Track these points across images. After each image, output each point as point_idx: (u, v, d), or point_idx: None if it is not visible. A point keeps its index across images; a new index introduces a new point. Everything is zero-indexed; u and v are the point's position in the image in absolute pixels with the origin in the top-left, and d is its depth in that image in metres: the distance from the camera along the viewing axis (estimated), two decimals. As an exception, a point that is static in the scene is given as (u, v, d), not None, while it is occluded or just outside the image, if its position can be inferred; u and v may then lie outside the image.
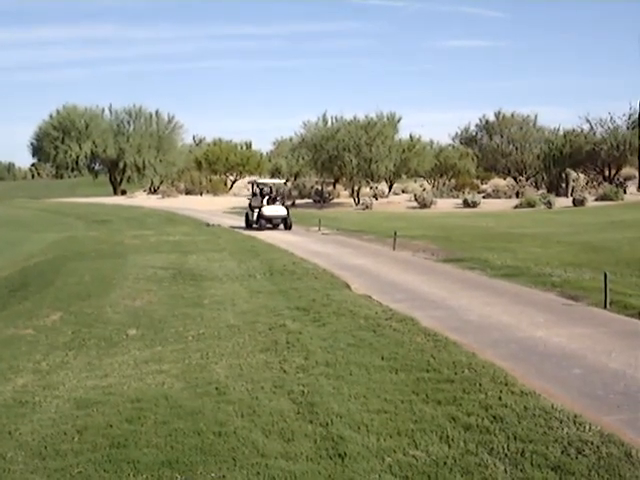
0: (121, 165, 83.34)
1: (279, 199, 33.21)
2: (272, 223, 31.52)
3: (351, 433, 6.15)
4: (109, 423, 6.68)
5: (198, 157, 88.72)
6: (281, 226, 31.63)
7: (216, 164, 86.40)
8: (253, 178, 53.00)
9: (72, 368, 9.09)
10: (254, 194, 33.88)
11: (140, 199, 70.65)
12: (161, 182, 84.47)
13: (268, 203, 32.20)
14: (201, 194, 75.45)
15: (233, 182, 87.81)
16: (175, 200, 66.32)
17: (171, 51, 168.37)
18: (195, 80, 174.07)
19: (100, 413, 7.02)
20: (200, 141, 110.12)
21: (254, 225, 31.85)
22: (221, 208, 52.47)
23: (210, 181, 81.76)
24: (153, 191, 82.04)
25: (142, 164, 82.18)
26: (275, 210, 31.68)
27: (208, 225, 34.44)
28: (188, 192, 76.47)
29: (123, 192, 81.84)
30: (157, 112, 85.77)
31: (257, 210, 31.77)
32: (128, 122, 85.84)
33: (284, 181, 44.81)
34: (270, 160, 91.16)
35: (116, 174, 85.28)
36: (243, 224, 33.45)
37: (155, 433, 6.38)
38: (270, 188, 34.31)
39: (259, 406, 6.97)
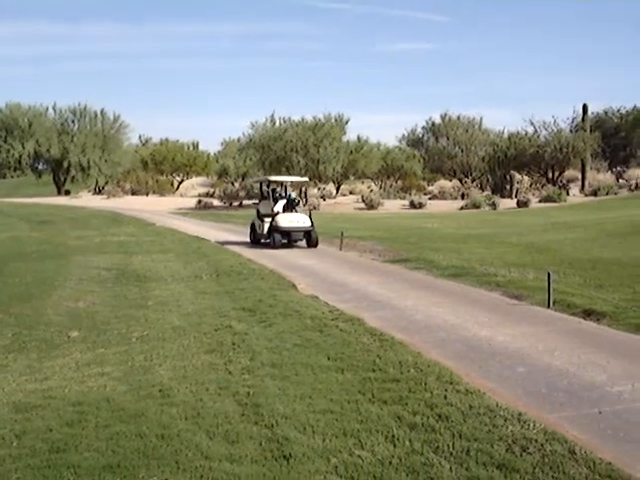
0: (65, 165, 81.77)
1: (299, 204, 25.23)
2: (290, 238, 22.89)
3: (296, 434, 6.10)
4: (49, 427, 6.50)
5: (144, 157, 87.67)
6: (302, 242, 23.20)
7: (162, 164, 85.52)
8: (261, 177, 38.76)
9: (11, 371, 8.83)
10: (263, 196, 25.46)
11: (85, 199, 69.47)
12: (106, 182, 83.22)
13: (284, 209, 23.60)
14: (147, 194, 74.62)
15: (180, 182, 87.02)
16: (120, 200, 65.41)
17: (117, 50, 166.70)
18: (141, 79, 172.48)
19: (40, 417, 6.83)
20: (146, 141, 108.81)
21: (264, 240, 23.56)
22: (167, 209, 51.96)
23: (156, 181, 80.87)
24: (98, 191, 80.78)
25: (87, 164, 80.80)
26: (295, 220, 23.05)
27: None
28: (134, 192, 75.53)
29: (67, 192, 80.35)
30: (102, 111, 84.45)
31: (269, 220, 23.31)
32: (73, 121, 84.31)
33: (306, 179, 33.05)
34: (218, 161, 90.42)
35: (60, 174, 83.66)
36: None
37: (96, 437, 6.23)
38: (285, 188, 26.31)
39: (203, 408, 6.87)
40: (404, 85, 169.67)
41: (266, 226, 23.22)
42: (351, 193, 66.18)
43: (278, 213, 23.11)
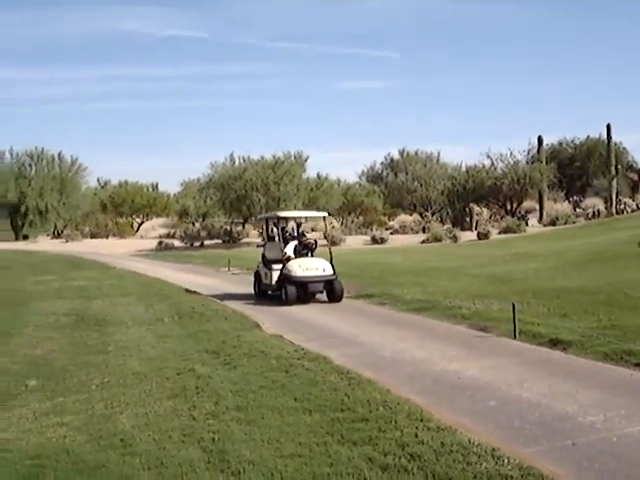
0: (23, 209, 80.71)
1: (316, 246, 19.92)
2: (307, 290, 18.05)
3: (265, 481, 5.88)
4: (5, 483, 6.21)
5: (103, 200, 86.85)
6: (322, 295, 18.50)
7: (122, 206, 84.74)
8: (269, 213, 27.96)
9: (-35, 425, 8.48)
10: (269, 237, 21.16)
11: (43, 244, 68.43)
12: (65, 226, 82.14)
13: (296, 253, 19.04)
14: (107, 237, 73.79)
15: (140, 224, 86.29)
16: (80, 244, 64.54)
17: (73, 92, 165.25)
18: (98, 121, 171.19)
19: (-5, 473, 6.52)
20: (105, 183, 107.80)
21: (271, 292, 19.14)
22: (127, 251, 51.33)
23: (116, 224, 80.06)
24: (57, 235, 79.68)
25: (45, 207, 79.68)
26: (313, 267, 18.33)
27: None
28: (93, 235, 74.61)
29: (25, 237, 79.07)
30: (60, 154, 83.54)
31: (278, 267, 18.67)
32: (30, 165, 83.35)
33: (325, 214, 22.24)
34: (178, 201, 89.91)
35: (18, 218, 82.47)
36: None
37: (55, 492, 5.95)
38: (298, 226, 21.70)
39: (167, 457, 6.62)
40: (362, 122, 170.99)
41: (275, 275, 18.67)
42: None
43: (290, 258, 18.62)
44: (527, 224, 49.76)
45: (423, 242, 44.15)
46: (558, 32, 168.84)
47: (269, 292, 19.33)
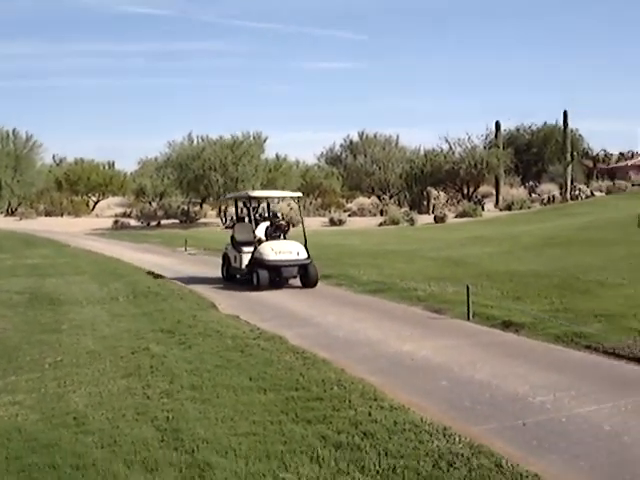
0: (-25, 186, 79.18)
1: (289, 227, 19.38)
2: (281, 275, 17.11)
3: (218, 459, 5.87)
4: (-46, 462, 6.11)
5: (58, 177, 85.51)
6: (295, 281, 17.54)
7: (77, 184, 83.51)
8: (240, 192, 28.95)
9: None
10: (239, 218, 20.12)
11: (-4, 221, 67.35)
12: (19, 203, 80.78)
13: (268, 235, 17.99)
14: (62, 215, 72.73)
15: (95, 203, 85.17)
16: (34, 222, 63.58)
17: (28, 68, 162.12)
18: (55, 98, 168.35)
19: (-56, 451, 6.42)
20: (61, 161, 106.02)
21: (241, 276, 18.13)
22: (83, 229, 50.73)
23: (71, 202, 78.92)
24: (10, 213, 78.31)
25: (-2, 185, 78.35)
26: (287, 250, 17.32)
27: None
28: (48, 213, 73.51)
29: (-23, 214, 77.75)
30: (14, 131, 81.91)
31: (248, 250, 17.62)
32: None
33: (299, 194, 21.65)
34: (134, 180, 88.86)
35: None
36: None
37: (7, 470, 5.88)
38: (268, 206, 20.92)
39: (120, 435, 6.57)
40: (323, 103, 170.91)
41: (245, 258, 17.65)
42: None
43: (261, 241, 17.57)
44: (483, 208, 50.33)
45: (381, 225, 44.39)
46: (519, 18, 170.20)
47: (238, 276, 18.36)
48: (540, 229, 30.48)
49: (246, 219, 19.32)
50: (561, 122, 57.69)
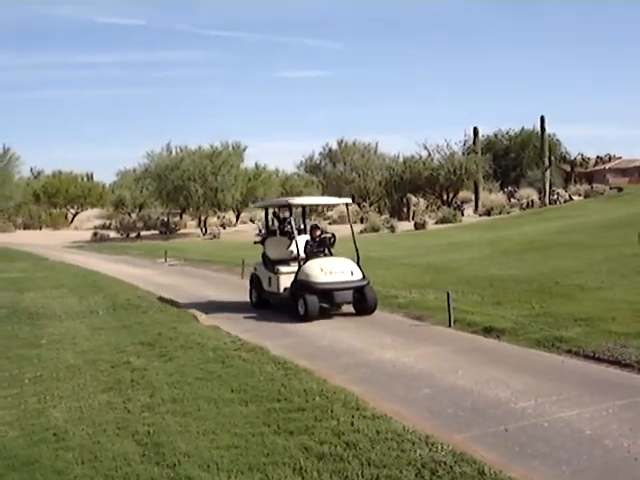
0: (-47, 201, 78.45)
1: (334, 240, 15.68)
2: (333, 300, 13.80)
3: (200, 473, 5.83)
4: None
5: (36, 190, 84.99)
6: (348, 307, 14.28)
7: (56, 197, 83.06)
8: (273, 199, 23.33)
9: None
10: (270, 231, 16.55)
11: (-27, 236, 66.80)
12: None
13: (308, 253, 14.59)
14: (40, 228, 72.33)
15: (74, 215, 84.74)
16: (12, 235, 63.22)
17: (4, 80, 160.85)
18: (32, 110, 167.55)
19: None
20: (39, 173, 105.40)
21: (276, 302, 15.10)
22: (61, 242, 50.43)
23: (50, 215, 78.48)
24: (-12, 227, 77.77)
25: (-25, 199, 77.70)
26: (338, 269, 13.97)
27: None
28: (26, 227, 73.11)
29: (-45, 229, 77.03)
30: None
31: (287, 271, 14.69)
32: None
33: (348, 200, 17.10)
34: (113, 191, 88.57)
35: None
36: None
37: (-15, 489, 5.81)
38: (303, 216, 17.68)
39: (101, 450, 6.51)
40: (301, 112, 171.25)
41: (283, 280, 14.64)
42: (251, 221, 65.96)
43: (304, 259, 14.28)
44: (463, 214, 50.47)
45: (361, 232, 44.38)
46: (495, 26, 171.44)
47: (271, 301, 15.34)
48: (519, 234, 30.61)
49: (277, 232, 16.30)
50: (539, 127, 57.99)
